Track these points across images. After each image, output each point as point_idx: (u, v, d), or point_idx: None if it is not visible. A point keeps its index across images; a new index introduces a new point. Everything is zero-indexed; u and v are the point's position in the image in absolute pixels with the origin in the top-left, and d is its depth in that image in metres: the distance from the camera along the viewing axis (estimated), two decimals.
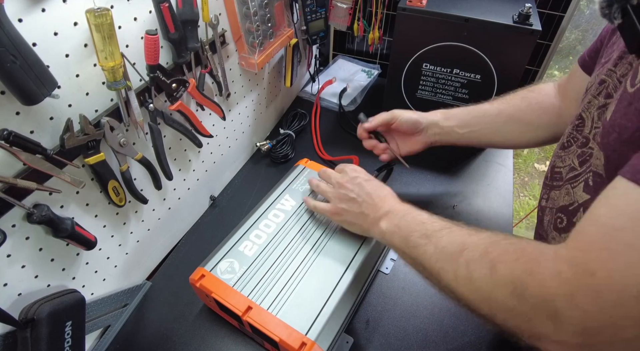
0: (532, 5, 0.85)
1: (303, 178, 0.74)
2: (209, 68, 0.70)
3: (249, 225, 0.65)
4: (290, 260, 0.61)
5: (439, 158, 1.01)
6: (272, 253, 0.62)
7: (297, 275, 0.59)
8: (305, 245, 0.63)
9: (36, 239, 0.51)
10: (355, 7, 1.07)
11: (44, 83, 0.42)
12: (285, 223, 0.66)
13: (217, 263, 0.60)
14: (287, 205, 0.68)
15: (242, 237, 0.63)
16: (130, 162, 0.60)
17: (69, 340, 0.53)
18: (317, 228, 0.66)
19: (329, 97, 1.19)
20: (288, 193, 0.70)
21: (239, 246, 0.62)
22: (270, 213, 0.67)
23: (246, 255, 0.61)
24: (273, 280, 0.58)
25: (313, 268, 0.60)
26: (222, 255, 0.61)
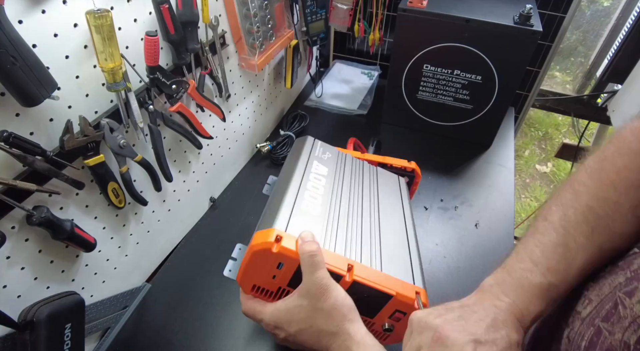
0: (533, 6, 0.85)
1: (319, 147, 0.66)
2: (209, 69, 0.70)
3: (295, 186, 0.54)
4: (359, 215, 0.55)
5: (440, 160, 1.01)
6: (339, 211, 0.53)
7: (374, 229, 0.54)
8: (362, 200, 0.58)
9: (36, 241, 0.50)
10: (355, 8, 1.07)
11: (43, 84, 0.42)
12: (330, 185, 0.58)
13: (288, 222, 0.47)
14: (320, 170, 0.60)
15: (297, 197, 0.51)
16: (130, 164, 0.60)
17: (68, 342, 0.53)
18: (362, 184, 0.62)
19: (329, 99, 1.19)
20: (315, 160, 0.61)
21: (300, 205, 0.51)
22: (310, 177, 0.57)
23: (314, 214, 0.50)
24: (356, 236, 0.51)
25: (382, 220, 0.56)
26: (289, 212, 0.48)
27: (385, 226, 0.55)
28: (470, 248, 0.81)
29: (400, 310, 0.47)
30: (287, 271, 0.46)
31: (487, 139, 1.05)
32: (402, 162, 0.71)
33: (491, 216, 0.87)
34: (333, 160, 0.64)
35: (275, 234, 0.45)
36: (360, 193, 0.59)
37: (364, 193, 0.60)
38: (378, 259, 0.49)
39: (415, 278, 0.49)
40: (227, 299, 0.72)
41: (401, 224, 0.58)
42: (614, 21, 1.27)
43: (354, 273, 0.45)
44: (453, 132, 1.05)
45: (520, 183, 2.15)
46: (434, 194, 0.92)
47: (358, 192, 0.59)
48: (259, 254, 0.45)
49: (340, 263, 0.46)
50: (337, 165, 0.63)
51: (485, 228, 0.85)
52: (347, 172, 0.62)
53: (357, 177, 0.63)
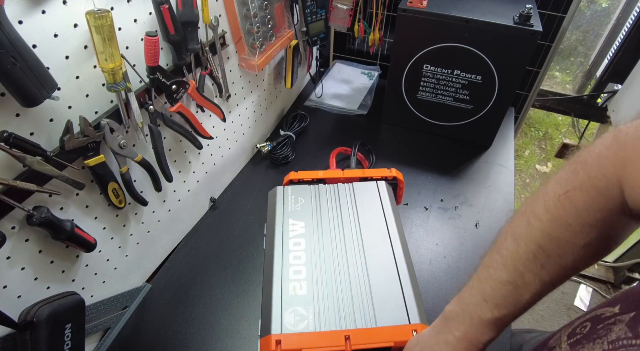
0: (533, 6, 0.85)
1: (290, 197, 0.67)
2: (209, 69, 0.70)
3: (278, 266, 0.57)
4: (345, 264, 0.57)
5: (440, 160, 1.01)
6: (324, 275, 0.56)
7: (362, 274, 0.56)
8: (345, 239, 0.60)
9: (36, 241, 0.50)
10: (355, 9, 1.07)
11: (43, 85, 0.42)
12: (310, 244, 0.60)
13: (280, 320, 0.52)
14: (297, 228, 0.62)
15: (282, 281, 0.55)
16: (130, 164, 0.60)
17: (68, 342, 0.53)
18: (342, 230, 0.61)
19: (329, 99, 1.19)
20: (290, 217, 0.63)
21: (287, 292, 0.54)
22: (289, 245, 0.60)
23: (302, 295, 0.54)
24: (346, 295, 0.54)
25: (368, 256, 0.57)
26: (279, 309, 0.53)
27: (372, 263, 0.57)
28: (470, 248, 0.81)
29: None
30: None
31: (487, 139, 1.05)
32: (382, 172, 0.71)
33: (491, 216, 0.87)
34: (307, 205, 0.65)
35: (275, 340, 0.50)
36: (342, 232, 0.61)
37: (345, 229, 0.61)
38: (371, 313, 0.52)
39: (410, 313, 0.52)
40: (227, 299, 0.72)
41: (388, 250, 0.59)
42: (613, 21, 1.27)
43: (351, 343, 0.50)
44: (453, 132, 1.05)
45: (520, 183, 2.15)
46: (434, 194, 0.92)
47: (339, 232, 0.61)
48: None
49: (338, 339, 0.50)
50: (312, 210, 0.64)
51: (485, 228, 0.85)
52: (324, 211, 0.64)
53: (335, 210, 0.64)
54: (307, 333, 0.51)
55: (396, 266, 0.57)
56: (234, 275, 0.76)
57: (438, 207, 0.89)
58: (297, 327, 0.51)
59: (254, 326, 0.68)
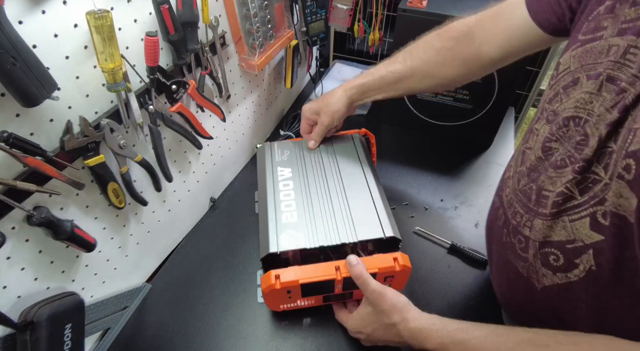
0: None
1: (276, 150, 0.76)
2: (209, 69, 0.70)
3: (272, 203, 0.65)
4: (328, 198, 0.66)
5: (440, 160, 1.01)
6: (312, 206, 0.64)
7: (343, 203, 0.65)
8: (327, 179, 0.69)
9: (36, 241, 0.50)
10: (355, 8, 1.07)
11: (43, 85, 0.42)
12: (298, 184, 0.68)
13: (277, 241, 0.59)
14: (285, 173, 0.70)
15: (276, 213, 0.63)
16: (130, 164, 0.60)
17: (68, 342, 0.53)
18: (324, 172, 0.70)
19: None
20: (278, 166, 0.72)
21: (281, 221, 0.62)
22: (279, 186, 0.68)
23: (293, 222, 0.62)
24: (331, 220, 0.62)
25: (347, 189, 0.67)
26: (275, 233, 0.61)
27: (350, 193, 0.67)
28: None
29: (388, 276, 0.61)
30: (297, 291, 0.60)
31: (487, 139, 1.05)
32: (352, 132, 0.80)
33: None
34: (293, 156, 0.74)
35: (274, 274, 0.58)
36: (324, 173, 0.70)
37: (327, 170, 0.71)
38: (352, 228, 0.61)
39: (384, 227, 0.61)
40: (227, 299, 0.72)
41: (363, 181, 0.69)
42: None
43: (341, 272, 0.58)
44: (453, 132, 1.05)
45: None
46: (434, 194, 0.92)
47: (322, 173, 0.70)
48: (270, 293, 0.59)
49: (329, 269, 0.59)
50: (297, 159, 0.73)
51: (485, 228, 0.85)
52: (307, 160, 0.73)
53: (317, 158, 0.74)
54: (302, 267, 0.59)
55: (370, 192, 0.66)
56: (234, 275, 0.76)
57: (438, 207, 0.89)
58: (291, 245, 0.59)
59: (254, 327, 0.68)
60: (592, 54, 0.43)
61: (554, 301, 0.49)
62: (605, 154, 0.40)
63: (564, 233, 0.44)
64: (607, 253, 0.40)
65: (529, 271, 0.50)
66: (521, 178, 0.52)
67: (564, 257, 0.44)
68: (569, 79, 0.46)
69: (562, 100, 0.46)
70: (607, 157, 0.40)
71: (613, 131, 0.40)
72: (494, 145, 1.05)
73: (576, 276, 0.44)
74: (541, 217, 0.46)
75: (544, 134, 0.48)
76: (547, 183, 0.46)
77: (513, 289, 0.57)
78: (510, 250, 0.54)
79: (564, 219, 0.44)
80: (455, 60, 0.65)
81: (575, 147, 0.43)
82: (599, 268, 0.41)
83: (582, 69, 0.44)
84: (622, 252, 0.39)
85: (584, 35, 0.45)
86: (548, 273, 0.47)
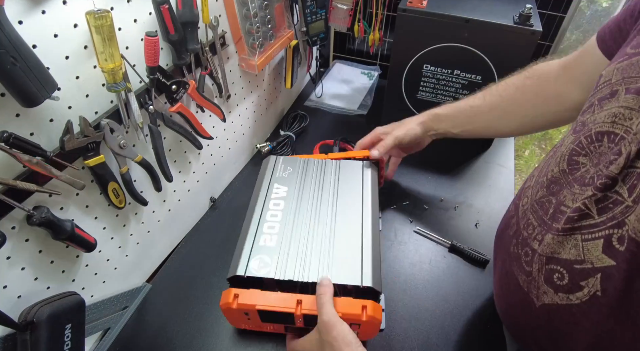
0: (533, 6, 0.85)
1: (280, 165, 0.73)
2: (209, 69, 0.70)
3: (255, 221, 0.63)
4: (315, 227, 0.62)
5: (440, 160, 1.01)
6: (292, 234, 0.61)
7: (329, 237, 0.60)
8: (320, 207, 0.65)
9: (36, 241, 0.50)
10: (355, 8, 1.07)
11: (43, 85, 0.42)
12: (288, 206, 0.65)
13: (247, 265, 0.57)
14: (280, 192, 0.67)
15: (256, 233, 0.61)
16: (130, 164, 0.60)
17: (68, 342, 0.53)
18: (320, 198, 0.66)
19: (329, 99, 1.19)
20: (275, 183, 0.69)
21: (258, 242, 0.60)
22: (269, 205, 0.66)
23: (270, 247, 0.59)
24: (309, 255, 0.58)
25: (338, 223, 0.62)
26: (247, 256, 0.58)
27: (340, 228, 0.62)
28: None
29: (353, 323, 0.54)
30: (255, 316, 0.56)
31: (487, 139, 1.05)
32: (363, 153, 0.76)
33: (491, 216, 0.87)
34: (294, 174, 0.71)
35: (233, 293, 0.55)
36: (319, 200, 0.66)
37: (323, 198, 0.66)
38: (329, 268, 0.56)
39: (364, 275, 0.55)
40: None
41: (358, 219, 0.63)
42: None
43: (302, 307, 0.54)
44: None
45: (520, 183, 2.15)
46: (434, 194, 0.92)
47: (317, 200, 0.66)
48: (226, 311, 0.56)
49: (290, 301, 0.54)
50: (297, 179, 0.70)
51: (485, 228, 0.85)
52: (308, 181, 0.69)
53: (318, 182, 0.70)
54: (263, 291, 0.55)
55: (361, 234, 0.61)
56: None
57: (438, 207, 0.89)
58: (259, 272, 0.56)
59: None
60: (636, 67, 0.40)
61: (551, 321, 0.47)
62: (633, 175, 0.37)
63: (573, 252, 0.42)
64: (616, 280, 0.38)
65: (529, 286, 0.48)
66: (540, 190, 0.49)
67: (569, 277, 0.42)
68: (607, 90, 0.43)
69: (594, 112, 0.44)
70: (634, 178, 0.37)
71: None
72: (494, 145, 1.05)
73: (578, 299, 0.42)
74: (553, 232, 0.44)
75: (570, 145, 0.45)
76: (568, 199, 0.43)
77: (511, 302, 0.55)
78: (515, 261, 0.52)
79: (576, 237, 0.42)
80: (536, 98, 0.63)
81: (607, 166, 0.40)
82: (604, 294, 0.39)
83: (623, 82, 0.41)
84: (632, 281, 0.37)
85: (632, 48, 0.43)
86: (549, 290, 0.45)
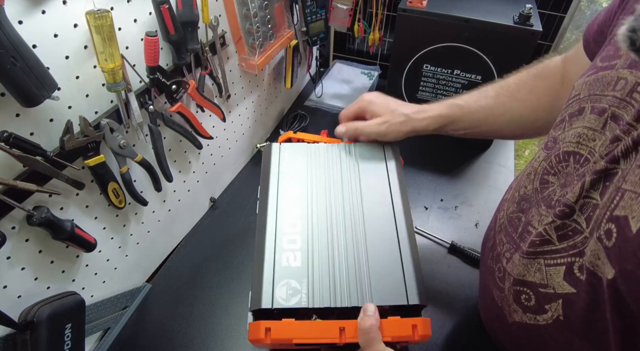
0: (533, 6, 0.85)
1: (286, 156, 0.61)
2: (209, 69, 0.70)
3: (271, 235, 0.52)
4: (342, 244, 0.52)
5: (440, 160, 1.01)
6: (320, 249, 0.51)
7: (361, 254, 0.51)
8: (343, 220, 0.54)
9: (36, 241, 0.50)
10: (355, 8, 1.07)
11: (43, 85, 0.42)
12: (307, 211, 0.54)
13: (272, 293, 0.48)
14: (294, 192, 0.56)
15: (275, 251, 0.51)
16: (130, 164, 0.60)
17: (68, 342, 0.53)
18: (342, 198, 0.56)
19: (329, 99, 1.19)
20: (285, 180, 0.57)
21: (280, 262, 0.50)
22: (284, 211, 0.54)
23: (296, 267, 0.50)
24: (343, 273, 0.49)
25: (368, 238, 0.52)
26: (270, 281, 0.49)
27: (372, 235, 0.52)
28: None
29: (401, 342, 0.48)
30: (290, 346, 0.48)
31: (487, 139, 1.05)
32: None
33: (491, 216, 0.87)
34: (304, 167, 0.59)
35: (264, 327, 0.46)
36: (341, 197, 0.55)
37: (345, 196, 0.55)
38: (368, 290, 0.48)
39: (409, 293, 0.48)
40: (227, 299, 0.72)
41: (390, 220, 0.54)
42: None
43: (345, 336, 0.46)
44: None
45: None
46: (434, 194, 0.92)
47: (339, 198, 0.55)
48: (258, 346, 0.48)
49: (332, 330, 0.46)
50: (310, 172, 0.58)
51: (485, 228, 0.85)
52: (322, 175, 0.58)
53: (335, 175, 0.58)
54: (299, 321, 0.47)
55: (397, 239, 0.52)
56: (234, 275, 0.76)
57: (438, 207, 0.89)
58: (289, 302, 0.47)
59: None
60: (601, 84, 0.39)
61: (523, 337, 0.46)
62: (590, 205, 0.36)
63: (538, 276, 0.41)
64: (577, 307, 0.37)
65: (502, 302, 0.48)
66: (512, 205, 0.49)
67: (535, 299, 0.42)
68: (576, 107, 0.42)
69: (564, 129, 0.43)
70: (590, 209, 0.36)
71: (598, 181, 0.36)
72: (494, 145, 1.05)
73: (545, 321, 0.42)
74: (520, 253, 0.44)
75: (542, 163, 0.45)
76: (535, 219, 0.43)
77: (488, 314, 0.55)
78: (490, 276, 0.51)
79: (539, 261, 0.41)
80: (549, 103, 0.58)
81: (566, 192, 0.39)
82: (567, 319, 0.39)
83: (589, 99, 0.40)
84: (592, 311, 0.36)
85: (602, 61, 0.41)
86: (519, 310, 0.45)
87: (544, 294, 0.41)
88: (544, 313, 0.41)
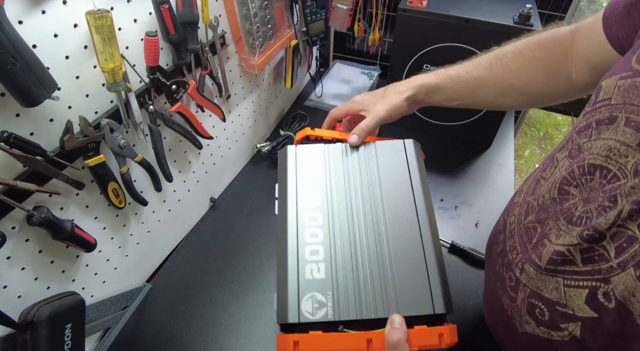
0: (533, 6, 0.85)
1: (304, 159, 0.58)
2: (209, 69, 0.70)
3: (293, 246, 0.51)
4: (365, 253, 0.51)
5: (440, 160, 1.01)
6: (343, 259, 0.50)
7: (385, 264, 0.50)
8: (365, 227, 0.53)
9: (36, 241, 0.50)
10: (355, 8, 1.07)
11: (44, 85, 0.42)
12: (327, 220, 0.53)
13: (298, 308, 0.48)
14: (313, 199, 0.54)
15: (298, 263, 0.50)
16: (130, 164, 0.60)
17: (68, 342, 0.53)
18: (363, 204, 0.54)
19: (329, 99, 1.19)
20: (304, 185, 0.55)
21: (304, 275, 0.49)
22: (305, 220, 0.53)
23: (320, 280, 0.49)
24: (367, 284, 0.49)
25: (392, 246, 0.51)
26: (296, 295, 0.48)
27: (396, 243, 0.51)
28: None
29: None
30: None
31: (487, 139, 1.05)
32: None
33: (491, 216, 0.87)
34: (323, 170, 0.57)
35: (292, 341, 0.46)
36: (362, 203, 0.54)
37: (365, 200, 0.54)
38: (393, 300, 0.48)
39: (435, 302, 0.47)
40: (227, 299, 0.72)
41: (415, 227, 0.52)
42: None
43: (373, 347, 0.46)
44: (453, 132, 1.05)
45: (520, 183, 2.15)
46: (434, 194, 0.92)
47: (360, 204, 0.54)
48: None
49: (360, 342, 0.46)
50: (329, 176, 0.56)
51: (485, 228, 0.85)
52: (342, 176, 0.56)
53: (356, 177, 0.56)
54: (326, 334, 0.46)
55: (422, 245, 0.51)
56: (234, 275, 0.76)
57: (438, 207, 0.89)
58: (315, 316, 0.47)
59: (254, 326, 0.68)
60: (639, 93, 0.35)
61: (532, 348, 0.45)
62: (624, 236, 0.33)
63: (555, 294, 0.39)
64: (598, 332, 0.35)
65: (513, 311, 0.46)
66: (529, 213, 0.46)
67: (549, 316, 0.40)
68: (606, 114, 0.37)
69: (591, 136, 0.39)
70: (624, 239, 0.33)
71: (638, 213, 0.32)
72: (494, 145, 1.05)
73: (560, 337, 0.40)
74: (534, 267, 0.41)
75: (563, 172, 0.41)
76: (553, 233, 0.40)
77: (495, 319, 0.53)
78: (500, 282, 0.49)
79: (558, 280, 0.39)
80: (548, 77, 0.56)
81: (597, 207, 0.36)
82: (584, 341, 0.37)
83: (624, 108, 0.35)
84: (617, 336, 0.34)
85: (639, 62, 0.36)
86: (531, 322, 0.43)
87: (562, 313, 0.38)
88: (559, 331, 0.39)
